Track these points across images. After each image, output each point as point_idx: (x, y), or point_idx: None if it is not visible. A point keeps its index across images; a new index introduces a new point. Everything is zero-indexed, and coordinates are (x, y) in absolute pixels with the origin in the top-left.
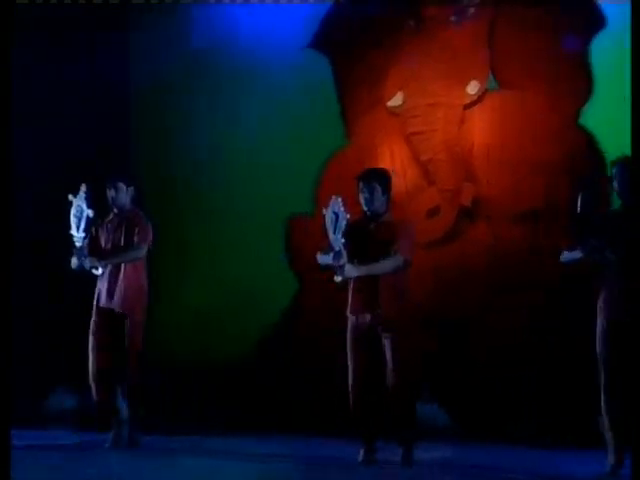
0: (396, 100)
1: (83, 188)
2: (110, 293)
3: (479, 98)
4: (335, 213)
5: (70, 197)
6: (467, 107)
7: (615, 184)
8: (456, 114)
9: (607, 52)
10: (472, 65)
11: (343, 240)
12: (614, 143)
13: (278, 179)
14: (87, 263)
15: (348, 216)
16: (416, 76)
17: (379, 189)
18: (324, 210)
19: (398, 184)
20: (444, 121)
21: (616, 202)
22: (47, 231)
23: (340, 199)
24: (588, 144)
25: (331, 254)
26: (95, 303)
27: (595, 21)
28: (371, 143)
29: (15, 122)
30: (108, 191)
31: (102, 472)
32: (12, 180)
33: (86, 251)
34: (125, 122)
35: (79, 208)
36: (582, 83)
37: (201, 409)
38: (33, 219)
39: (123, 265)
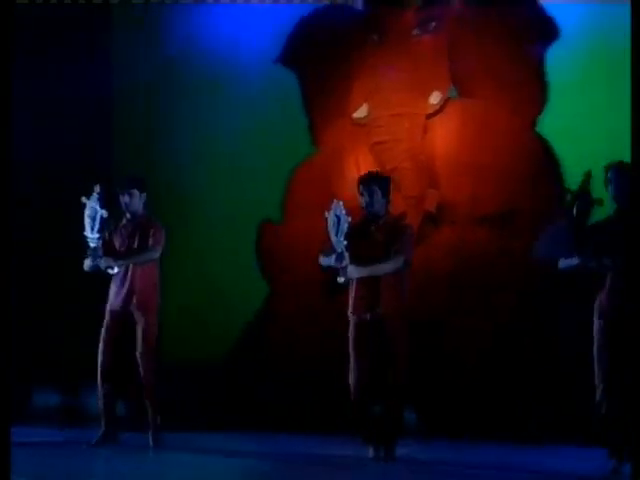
0: (361, 112)
1: (97, 189)
2: (125, 294)
3: (441, 108)
4: (337, 216)
5: (83, 199)
6: (430, 117)
7: (610, 188)
8: (419, 124)
9: (562, 60)
10: (434, 76)
11: (345, 242)
12: (568, 149)
13: (252, 185)
14: (103, 263)
15: (349, 219)
16: (380, 88)
17: (379, 192)
18: (326, 213)
19: None
20: (408, 131)
21: (609, 207)
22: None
23: (341, 202)
24: (544, 150)
25: (334, 256)
26: (108, 305)
27: (549, 31)
28: (337, 152)
29: None
30: (122, 197)
31: (87, 468)
32: (11, 181)
33: (101, 252)
34: (107, 124)
35: (93, 209)
36: (538, 91)
37: (185, 407)
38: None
39: (137, 267)
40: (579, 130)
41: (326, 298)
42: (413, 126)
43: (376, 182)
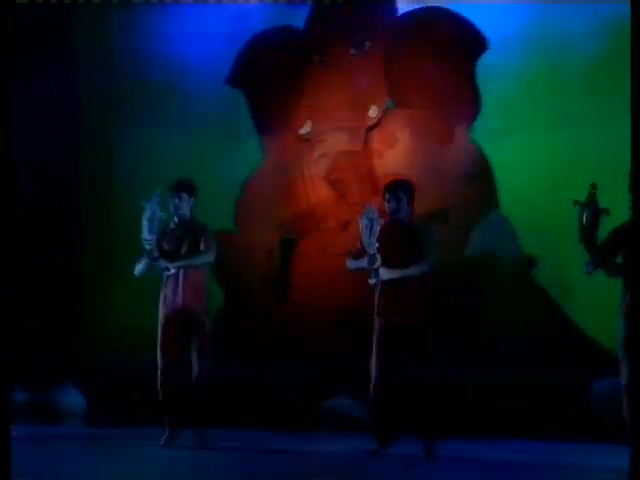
0: (306, 128)
1: (157, 192)
2: (181, 296)
3: (379, 120)
4: (370, 219)
5: (143, 202)
6: (369, 129)
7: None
8: (360, 136)
9: (491, 70)
10: (371, 92)
11: (377, 244)
12: (498, 156)
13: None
14: (162, 263)
15: (382, 222)
16: (323, 105)
17: (405, 199)
18: (358, 216)
19: (314, 201)
20: (349, 143)
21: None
22: None
23: (374, 206)
24: (477, 154)
25: (366, 258)
26: (162, 307)
27: (478, 44)
28: (285, 165)
29: None
30: (171, 200)
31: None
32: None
33: (157, 253)
34: (71, 134)
35: (153, 211)
36: (471, 101)
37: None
38: None
39: (190, 270)
40: (509, 135)
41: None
42: (354, 138)
43: (402, 189)
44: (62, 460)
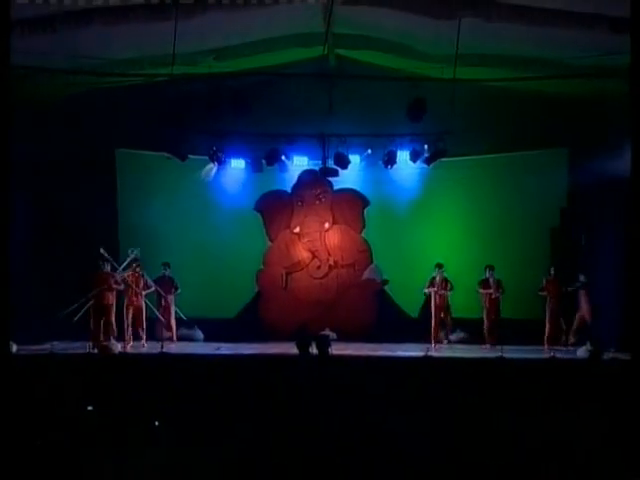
0: (297, 229)
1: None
2: None
3: (328, 228)
4: None
5: None
6: (325, 230)
7: None
8: (322, 232)
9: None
10: (326, 216)
11: None
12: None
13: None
14: None
15: None
16: (305, 220)
17: None
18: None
19: (301, 257)
20: (318, 235)
21: None
22: None
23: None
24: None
25: None
26: None
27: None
28: (285, 246)
29: None
30: None
31: None
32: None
33: None
34: None
35: None
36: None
37: None
38: None
39: None
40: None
41: None
42: (320, 235)
43: None
44: None
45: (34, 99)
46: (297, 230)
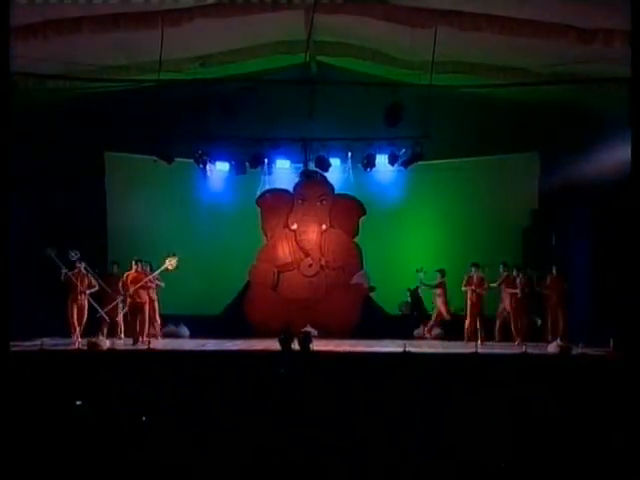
0: (294, 226)
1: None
2: None
3: (325, 230)
4: None
5: None
6: (323, 232)
7: None
8: (318, 233)
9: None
10: (324, 217)
11: None
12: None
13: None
14: None
15: None
16: (302, 218)
17: None
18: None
19: (295, 256)
20: (314, 236)
21: None
22: None
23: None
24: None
25: None
26: None
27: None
28: (280, 241)
29: None
30: None
31: None
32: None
33: None
34: None
35: None
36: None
37: None
38: None
39: None
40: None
41: None
42: (317, 235)
43: None
44: None
45: (25, 104)
46: (294, 227)
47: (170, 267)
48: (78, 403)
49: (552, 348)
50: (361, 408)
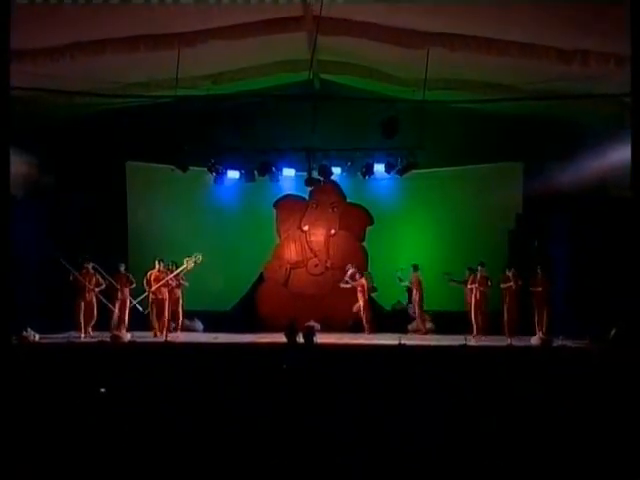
0: (305, 227)
1: None
2: None
3: (334, 234)
4: None
5: None
6: (331, 236)
7: None
8: (327, 236)
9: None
10: (334, 222)
11: None
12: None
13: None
14: None
15: None
16: (314, 221)
17: None
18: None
19: (305, 255)
20: (323, 239)
21: None
22: None
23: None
24: (363, 250)
25: None
26: None
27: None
28: (292, 241)
29: None
30: None
31: None
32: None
33: None
34: None
35: None
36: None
37: None
38: None
39: None
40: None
41: None
42: (325, 238)
43: None
44: None
45: (55, 118)
46: (306, 228)
47: (189, 267)
48: (102, 390)
49: (535, 340)
50: (360, 395)
